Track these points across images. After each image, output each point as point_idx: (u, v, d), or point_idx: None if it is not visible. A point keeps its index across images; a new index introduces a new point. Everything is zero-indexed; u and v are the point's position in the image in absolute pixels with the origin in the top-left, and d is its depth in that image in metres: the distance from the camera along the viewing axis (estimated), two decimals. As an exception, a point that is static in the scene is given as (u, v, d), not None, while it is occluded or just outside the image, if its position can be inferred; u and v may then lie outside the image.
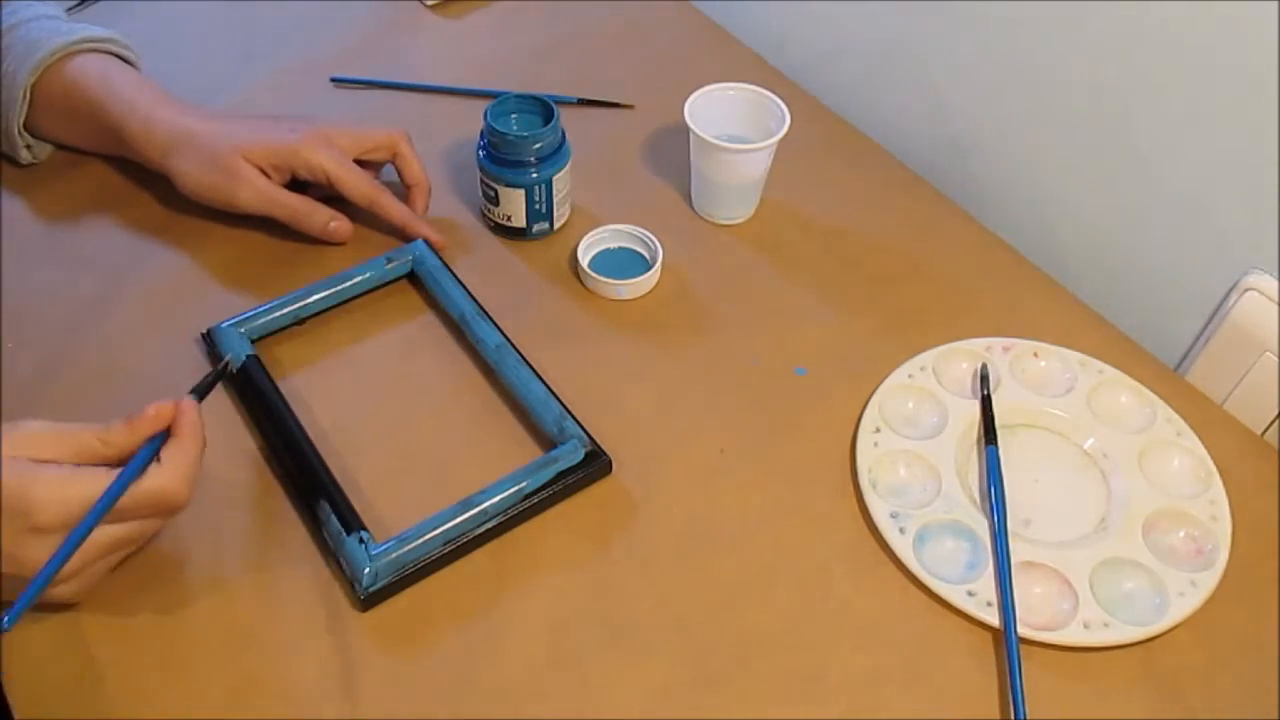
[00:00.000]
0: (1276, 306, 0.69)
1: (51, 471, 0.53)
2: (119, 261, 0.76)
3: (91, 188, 0.80)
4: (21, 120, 0.78)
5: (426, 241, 0.77)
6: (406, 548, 0.60)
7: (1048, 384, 0.71)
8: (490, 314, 0.72)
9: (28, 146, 0.80)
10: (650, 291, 0.77)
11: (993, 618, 0.59)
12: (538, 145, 0.75)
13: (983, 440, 0.68)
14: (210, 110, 0.78)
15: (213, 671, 0.57)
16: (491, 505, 0.62)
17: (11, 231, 0.78)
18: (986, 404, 0.69)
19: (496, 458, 0.66)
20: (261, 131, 0.75)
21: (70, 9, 0.96)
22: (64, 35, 0.77)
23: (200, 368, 0.70)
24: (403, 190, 0.79)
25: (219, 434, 0.67)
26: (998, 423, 0.68)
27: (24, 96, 0.76)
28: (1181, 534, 0.64)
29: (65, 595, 0.56)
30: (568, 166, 0.77)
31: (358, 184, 0.75)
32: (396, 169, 0.79)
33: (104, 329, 0.72)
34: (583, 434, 0.66)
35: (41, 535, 0.52)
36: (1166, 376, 0.73)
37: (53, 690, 0.56)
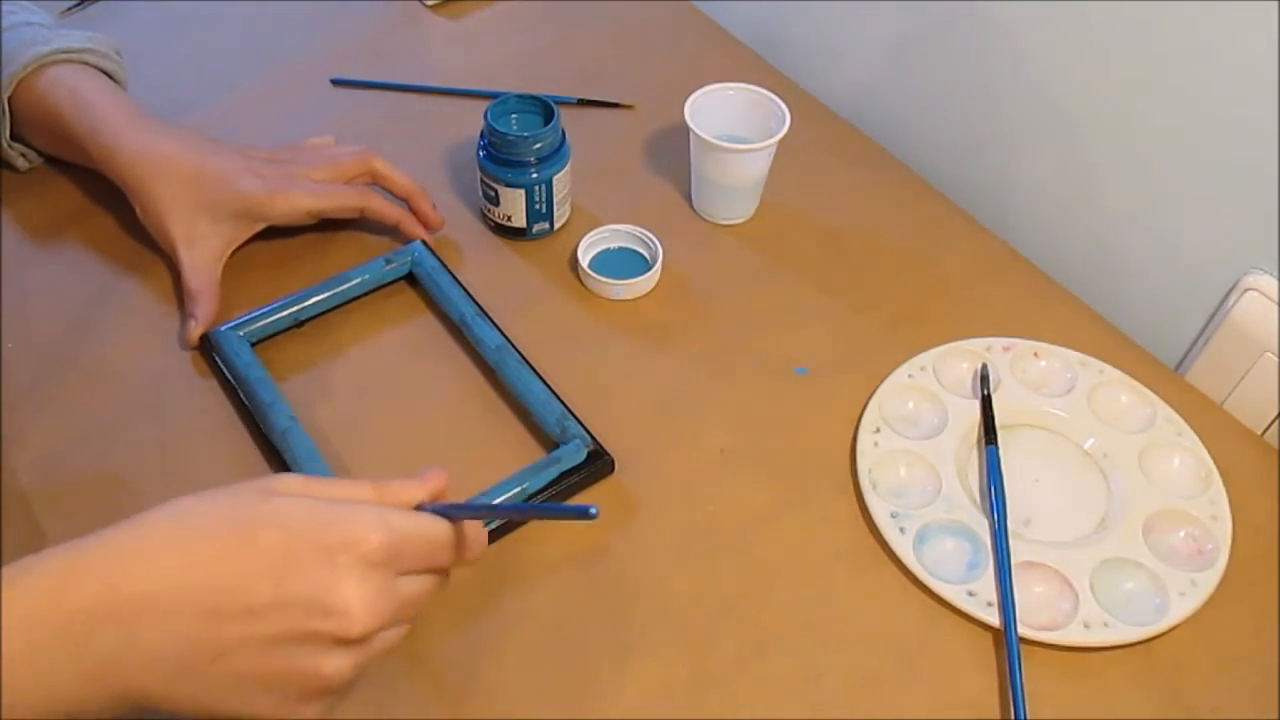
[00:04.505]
0: (1276, 306, 0.69)
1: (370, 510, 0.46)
2: (119, 263, 0.76)
3: (91, 189, 0.80)
4: (7, 134, 0.77)
5: (424, 243, 0.76)
6: (407, 548, 0.59)
7: (1048, 384, 0.71)
8: (490, 314, 0.72)
9: (22, 154, 0.79)
10: (650, 292, 0.77)
11: (993, 618, 0.59)
12: (538, 145, 0.75)
13: (983, 440, 0.68)
14: (181, 134, 0.74)
15: (213, 672, 0.57)
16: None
17: (11, 232, 0.78)
18: (986, 404, 0.69)
19: (498, 458, 0.66)
20: (227, 184, 0.71)
21: (68, 9, 0.95)
22: (39, 45, 0.74)
23: (200, 369, 0.70)
24: (399, 203, 0.78)
25: (218, 436, 0.67)
26: (998, 423, 0.68)
27: (2, 112, 0.75)
28: (1181, 534, 0.64)
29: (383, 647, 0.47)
30: (568, 166, 0.77)
31: (343, 202, 0.75)
32: (384, 188, 0.78)
33: (104, 331, 0.72)
34: (585, 434, 0.66)
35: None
36: (1166, 376, 0.73)
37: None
